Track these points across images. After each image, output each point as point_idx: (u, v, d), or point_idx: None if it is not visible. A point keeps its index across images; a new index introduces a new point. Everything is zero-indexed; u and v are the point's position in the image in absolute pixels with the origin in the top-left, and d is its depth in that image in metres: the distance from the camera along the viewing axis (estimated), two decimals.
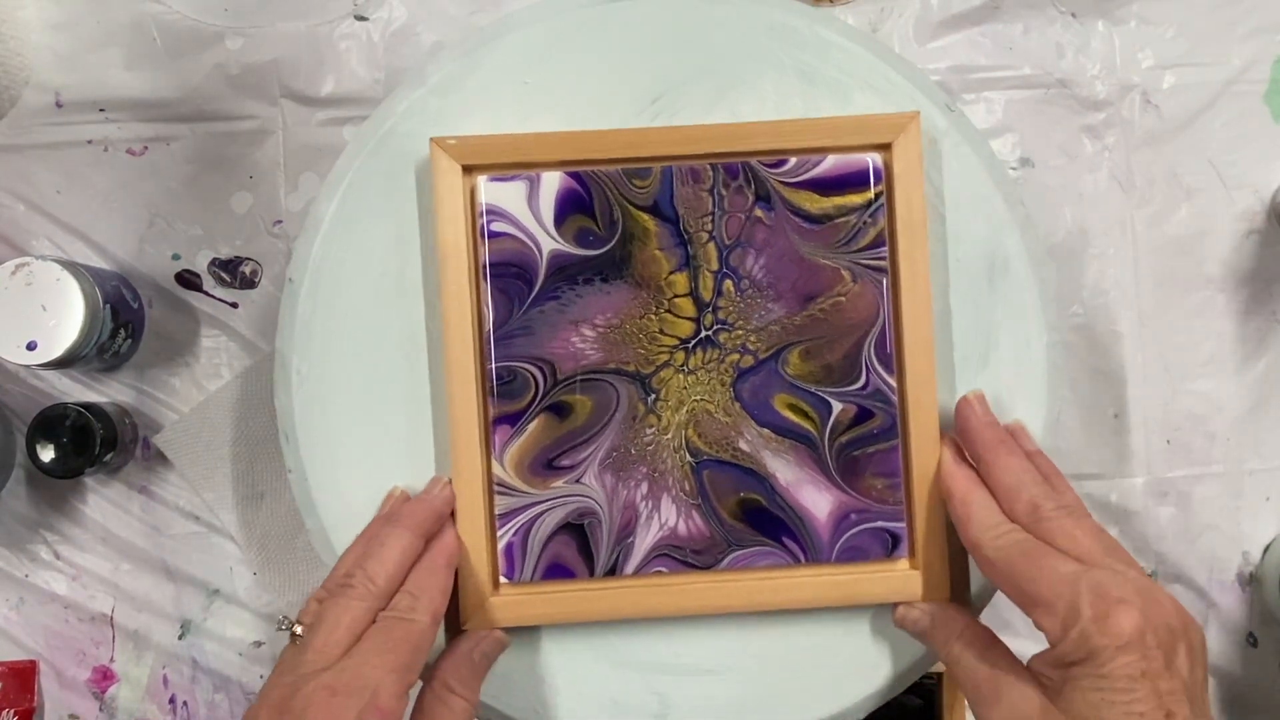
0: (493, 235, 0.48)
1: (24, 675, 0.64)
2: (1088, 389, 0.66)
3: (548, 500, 0.48)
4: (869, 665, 0.49)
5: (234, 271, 0.65)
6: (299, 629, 0.42)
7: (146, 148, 0.65)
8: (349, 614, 0.42)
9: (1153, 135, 0.67)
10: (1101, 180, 0.67)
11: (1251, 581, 0.67)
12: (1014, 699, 0.40)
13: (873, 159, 0.48)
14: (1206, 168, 0.67)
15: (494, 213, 0.48)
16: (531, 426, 0.48)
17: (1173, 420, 0.67)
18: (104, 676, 0.65)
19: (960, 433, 0.47)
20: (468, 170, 0.48)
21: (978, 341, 0.50)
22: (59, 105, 0.64)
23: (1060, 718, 0.39)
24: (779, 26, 0.50)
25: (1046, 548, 0.42)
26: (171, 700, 0.65)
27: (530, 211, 0.48)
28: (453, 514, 0.47)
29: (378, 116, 0.50)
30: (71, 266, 0.58)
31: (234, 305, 0.65)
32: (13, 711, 0.64)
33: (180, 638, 0.65)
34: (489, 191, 0.48)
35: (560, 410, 0.48)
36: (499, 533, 0.47)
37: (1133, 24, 0.67)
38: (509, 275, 0.48)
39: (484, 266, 0.47)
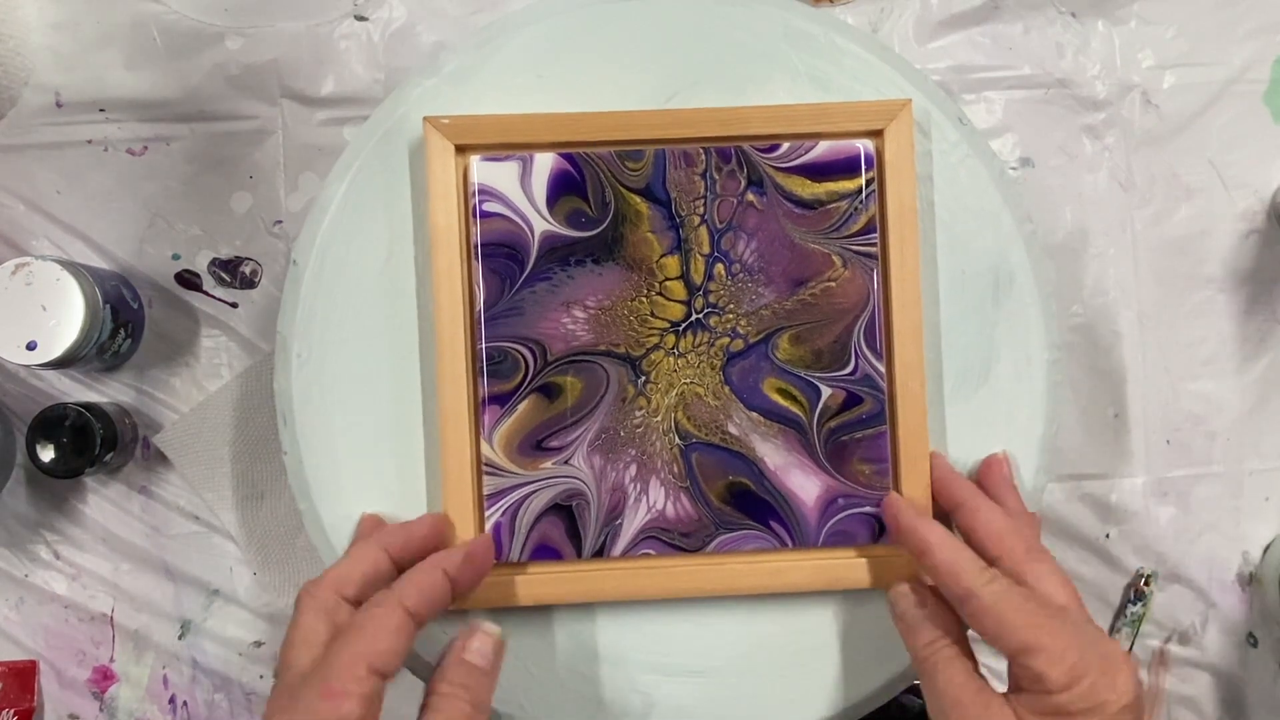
0: (485, 215, 0.48)
1: (24, 675, 0.64)
2: (1088, 389, 0.66)
3: (536, 481, 0.48)
4: (859, 670, 0.49)
5: (234, 271, 0.65)
6: None
7: (146, 148, 0.65)
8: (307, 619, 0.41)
9: (1153, 135, 0.67)
10: (1101, 180, 0.67)
11: (1251, 581, 0.67)
12: None
13: (864, 145, 0.48)
14: (1206, 168, 0.67)
15: (486, 193, 0.48)
16: (521, 407, 0.48)
17: (1173, 420, 0.67)
18: (104, 676, 0.65)
19: (937, 482, 0.47)
20: (461, 150, 0.48)
21: (980, 356, 0.50)
22: (59, 105, 0.64)
23: None
24: (795, 31, 0.50)
25: (1040, 595, 0.42)
26: (171, 700, 0.65)
27: (523, 192, 0.48)
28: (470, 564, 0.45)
29: (390, 103, 0.50)
30: (71, 266, 0.58)
31: (234, 305, 0.65)
32: (13, 711, 0.64)
33: (180, 638, 0.65)
34: (481, 171, 0.48)
35: (550, 391, 0.48)
36: (487, 513, 0.48)
37: (1133, 24, 0.67)
38: (500, 255, 0.48)
39: (476, 246, 0.48)
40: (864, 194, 0.48)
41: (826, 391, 0.48)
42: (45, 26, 0.64)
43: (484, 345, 0.48)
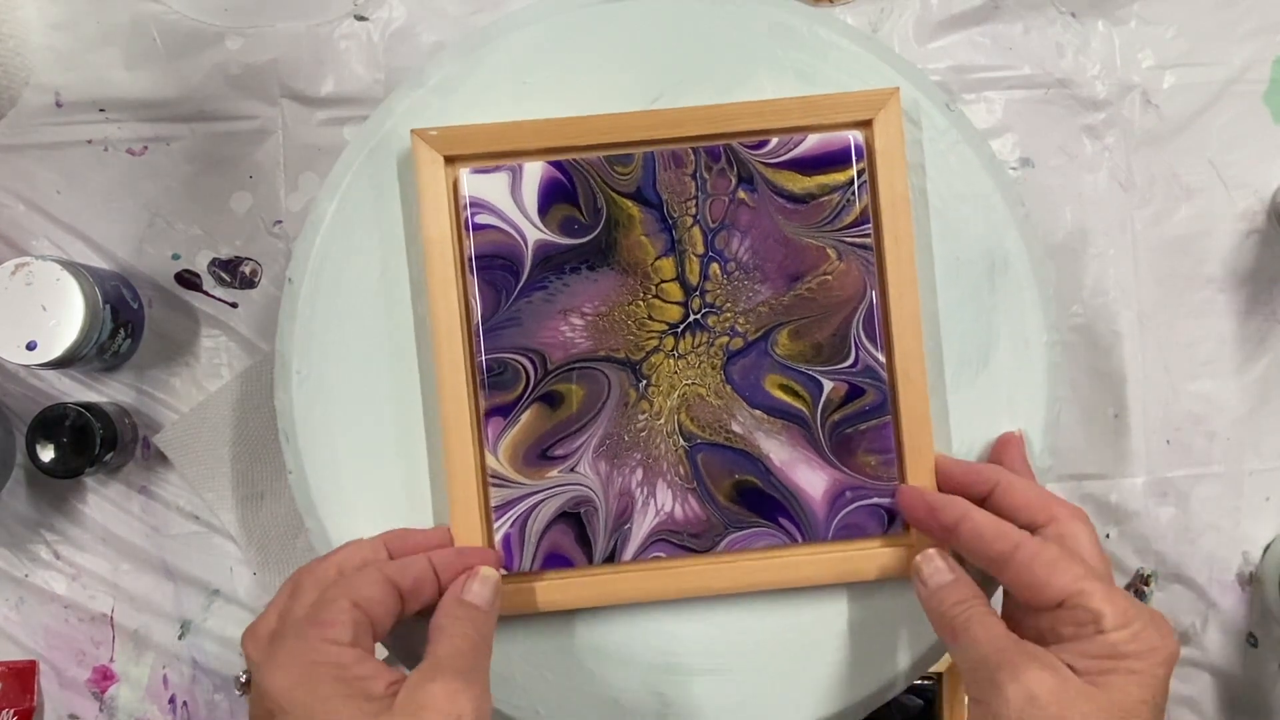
0: (477, 228, 0.48)
1: (24, 675, 0.64)
2: (1088, 389, 0.66)
3: (543, 490, 0.48)
4: (869, 665, 0.49)
5: (234, 271, 0.65)
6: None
7: (146, 148, 0.65)
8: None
9: (1153, 135, 0.67)
10: (1101, 180, 0.67)
11: (1251, 581, 0.67)
12: (1050, 667, 0.39)
13: (854, 136, 0.48)
14: (1206, 168, 0.67)
15: (477, 205, 0.48)
16: (524, 417, 0.48)
17: (1173, 420, 0.67)
18: (104, 676, 0.65)
19: (958, 477, 0.47)
20: (450, 161, 0.48)
21: (979, 341, 0.50)
22: (59, 105, 0.64)
23: (1100, 698, 0.39)
24: (778, 26, 0.50)
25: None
26: (171, 700, 0.65)
27: (514, 202, 0.48)
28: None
29: (377, 117, 0.50)
30: (71, 266, 0.59)
31: (234, 305, 0.65)
32: (13, 711, 0.64)
33: (180, 638, 0.65)
34: (471, 184, 0.48)
35: (552, 400, 0.48)
36: (496, 525, 0.48)
37: (1133, 24, 0.67)
38: (495, 267, 0.48)
39: (470, 259, 0.48)
40: (855, 185, 0.48)
41: (828, 385, 0.48)
42: (45, 26, 0.64)
43: (483, 357, 0.48)
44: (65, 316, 0.58)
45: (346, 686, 0.38)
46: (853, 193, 0.48)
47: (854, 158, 0.48)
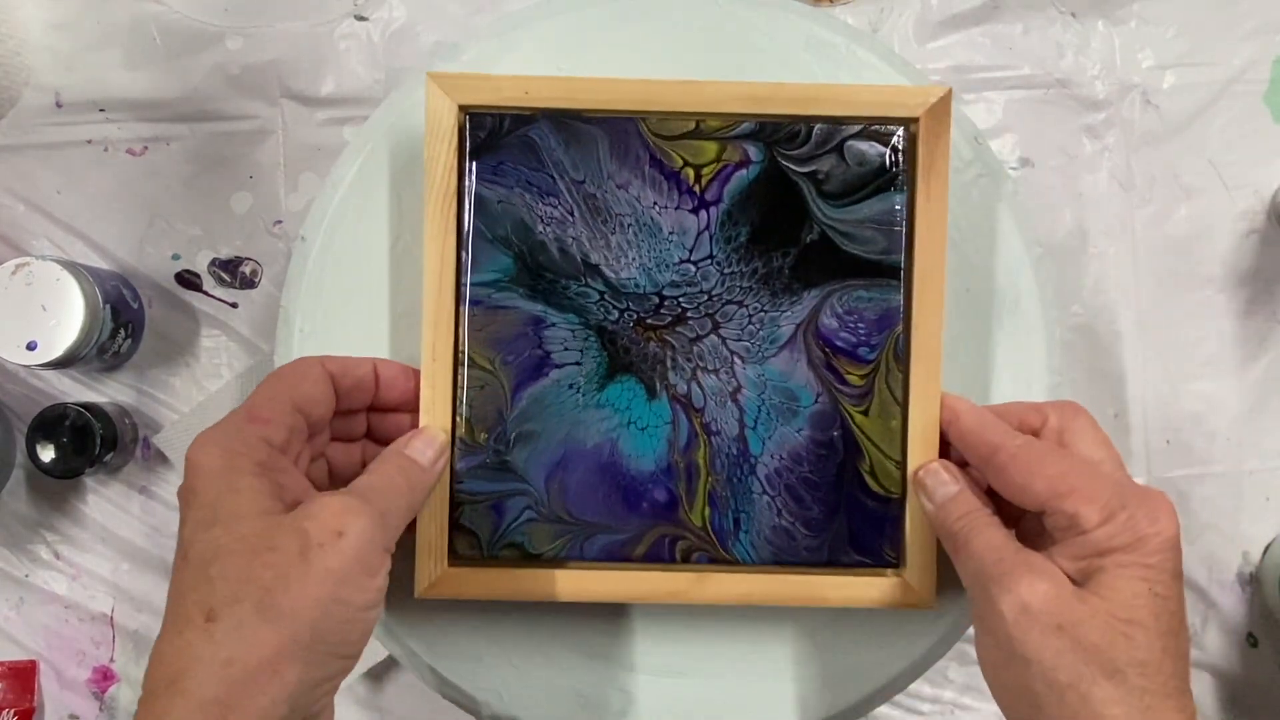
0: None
1: (24, 675, 0.64)
2: (1088, 389, 0.66)
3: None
4: (836, 686, 0.49)
5: (234, 271, 0.65)
6: None
7: (146, 148, 0.65)
8: None
9: (1153, 135, 0.67)
10: (1101, 180, 0.67)
11: (1251, 581, 0.67)
12: (1045, 574, 0.38)
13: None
14: (1206, 168, 0.67)
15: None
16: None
17: (1173, 420, 0.67)
18: (104, 676, 0.65)
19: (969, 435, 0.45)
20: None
21: (980, 375, 0.49)
22: (59, 105, 0.64)
23: (1093, 599, 0.38)
24: (816, 41, 0.50)
25: (1073, 450, 0.42)
26: None
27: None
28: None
29: (408, 86, 0.50)
30: (71, 266, 0.58)
31: (234, 305, 0.65)
32: (13, 711, 0.64)
33: None
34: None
35: None
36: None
37: (1133, 24, 0.67)
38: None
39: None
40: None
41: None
42: (45, 26, 0.64)
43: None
44: (65, 316, 0.58)
45: (261, 482, 0.38)
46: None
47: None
